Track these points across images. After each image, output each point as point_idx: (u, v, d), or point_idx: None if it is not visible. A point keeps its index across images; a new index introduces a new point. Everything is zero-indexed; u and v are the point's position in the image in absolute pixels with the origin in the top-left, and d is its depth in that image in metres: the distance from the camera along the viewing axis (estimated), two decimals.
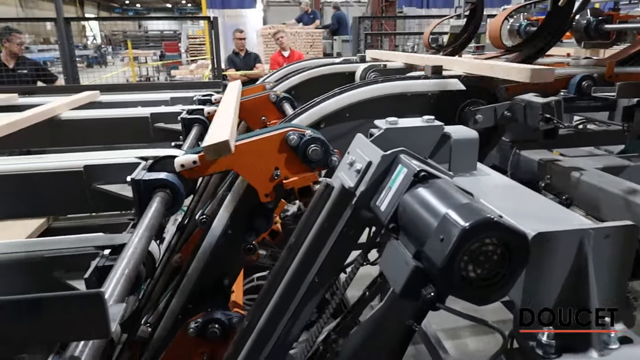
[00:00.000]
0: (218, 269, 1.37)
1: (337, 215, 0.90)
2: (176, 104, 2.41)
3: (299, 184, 1.18)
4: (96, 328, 0.51)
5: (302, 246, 0.96)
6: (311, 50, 9.18)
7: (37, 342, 0.54)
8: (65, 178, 1.18)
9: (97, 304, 0.50)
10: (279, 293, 0.99)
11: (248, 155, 1.18)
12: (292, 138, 1.16)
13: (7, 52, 4.63)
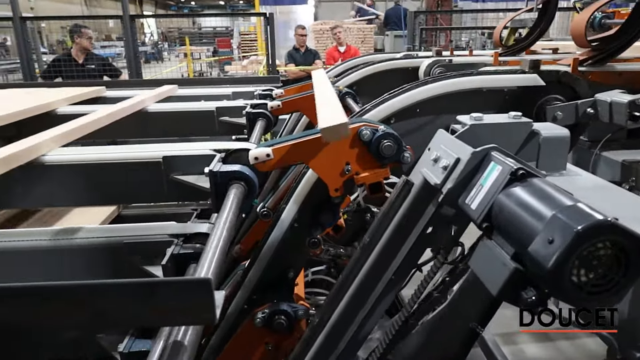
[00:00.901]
0: (284, 261, 1.38)
1: (418, 213, 0.88)
2: (237, 98, 2.46)
3: (371, 180, 1.17)
4: (203, 314, 0.52)
5: (379, 244, 0.95)
6: (362, 46, 9.13)
7: (146, 325, 0.56)
8: (145, 168, 1.23)
9: (206, 290, 0.51)
10: (353, 291, 0.98)
11: (319, 149, 1.18)
12: (365, 133, 1.14)
13: (78, 47, 4.91)
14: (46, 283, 0.52)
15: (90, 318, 0.53)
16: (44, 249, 1.26)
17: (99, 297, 0.51)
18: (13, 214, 2.00)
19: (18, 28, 4.82)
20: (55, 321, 0.53)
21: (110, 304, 0.51)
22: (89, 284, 0.51)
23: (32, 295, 0.51)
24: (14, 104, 1.84)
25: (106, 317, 0.52)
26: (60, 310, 0.52)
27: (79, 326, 0.53)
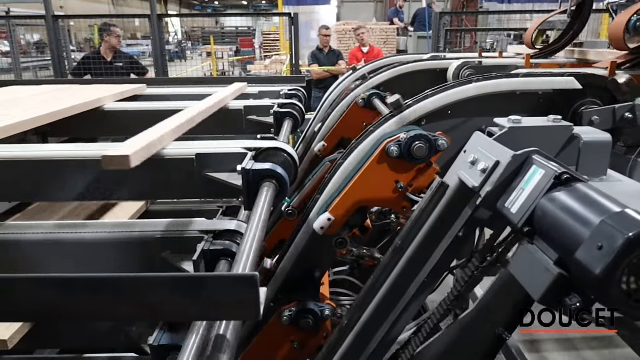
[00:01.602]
0: (310, 260, 1.39)
1: (454, 215, 0.87)
2: (264, 97, 2.48)
3: (426, 183, 1.16)
4: (248, 309, 0.53)
5: (411, 246, 0.95)
6: (384, 47, 9.08)
7: (191, 318, 0.57)
8: (179, 164, 1.26)
9: (251, 285, 0.52)
10: (384, 293, 0.98)
11: (366, 186, 1.18)
12: (392, 150, 1.14)
13: (106, 45, 5.02)
14: (96, 275, 0.54)
15: (138, 309, 0.54)
16: (81, 241, 1.29)
17: (148, 289, 0.53)
18: (44, 206, 2.06)
19: (50, 26, 4.97)
20: (103, 311, 0.54)
21: (159, 297, 0.53)
22: (139, 276, 0.53)
23: (85, 286, 0.52)
24: (62, 100, 1.90)
25: (155, 309, 0.53)
26: (110, 300, 0.53)
27: (128, 317, 0.55)
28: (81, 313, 0.53)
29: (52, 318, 0.60)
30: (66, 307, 0.53)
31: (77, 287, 0.52)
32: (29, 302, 0.53)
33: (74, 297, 0.52)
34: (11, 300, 0.52)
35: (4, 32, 12.24)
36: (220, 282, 0.52)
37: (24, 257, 1.31)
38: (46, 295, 0.52)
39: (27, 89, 2.48)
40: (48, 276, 0.51)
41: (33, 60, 9.89)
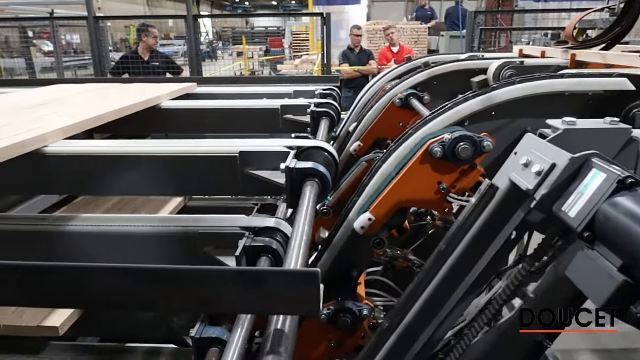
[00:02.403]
0: (349, 259, 1.40)
1: (504, 218, 0.86)
2: (298, 96, 2.50)
3: (470, 185, 1.15)
4: (308, 305, 0.54)
5: (457, 249, 0.93)
6: (415, 47, 8.99)
7: (252, 311, 0.58)
8: (223, 162, 1.28)
9: (313, 282, 0.53)
10: (428, 297, 0.97)
11: (407, 187, 1.17)
12: (436, 151, 1.13)
13: (144, 45, 5.17)
14: (162, 266, 0.56)
15: (201, 301, 0.55)
16: (126, 234, 1.33)
17: (212, 282, 0.54)
18: (89, 200, 2.14)
19: (92, 27, 5.15)
20: (166, 302, 0.56)
21: (222, 289, 0.54)
22: (204, 269, 0.54)
23: (151, 276, 0.54)
24: (120, 98, 1.97)
25: (216, 302, 0.55)
26: (173, 292, 0.55)
27: (189, 308, 0.56)
28: (145, 303, 0.56)
29: (117, 307, 0.63)
30: (131, 297, 0.56)
31: (144, 277, 0.54)
32: (96, 290, 0.55)
33: (140, 287, 0.54)
34: (81, 288, 0.54)
35: (46, 33, 12.76)
36: (283, 277, 0.53)
37: (72, 248, 1.37)
38: (114, 285, 0.54)
39: (73, 87, 2.59)
40: (119, 266, 0.53)
41: (73, 60, 10.27)
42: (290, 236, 0.86)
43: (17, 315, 1.31)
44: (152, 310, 0.78)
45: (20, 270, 0.52)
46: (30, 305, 1.10)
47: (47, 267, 0.51)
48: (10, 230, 1.36)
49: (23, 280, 0.52)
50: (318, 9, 12.73)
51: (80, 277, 0.52)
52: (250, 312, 0.60)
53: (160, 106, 2.05)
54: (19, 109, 1.80)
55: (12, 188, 1.45)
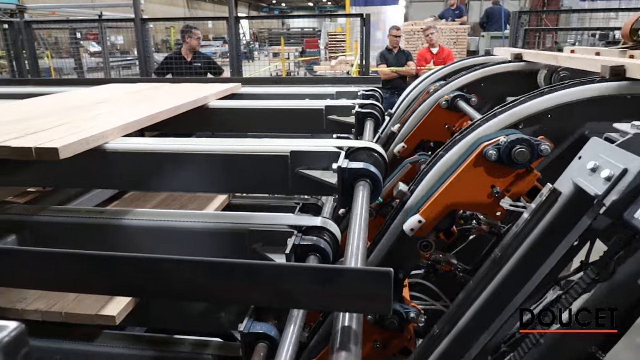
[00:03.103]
0: (396, 261, 1.39)
1: (568, 224, 0.83)
2: (341, 97, 2.51)
3: (525, 189, 1.13)
4: (379, 303, 0.55)
5: (514, 256, 0.92)
6: (454, 47, 8.82)
7: (323, 308, 0.59)
8: (274, 161, 1.30)
9: (386, 281, 0.53)
10: (482, 305, 0.96)
11: (460, 190, 1.16)
12: (491, 153, 1.11)
13: (187, 46, 5.32)
14: (235, 260, 0.57)
15: (272, 296, 0.57)
16: (177, 228, 1.38)
17: (285, 278, 0.55)
18: (138, 195, 2.22)
19: (138, 28, 5.35)
20: (240, 295, 0.58)
21: (295, 285, 0.55)
22: (278, 265, 0.56)
23: (225, 270, 0.56)
24: (170, 98, 2.05)
25: (288, 297, 0.56)
26: (246, 286, 0.57)
27: (259, 302, 0.58)
28: (220, 296, 0.58)
29: (192, 299, 0.65)
30: (206, 289, 0.58)
31: (217, 270, 0.56)
32: (175, 282, 0.58)
33: (216, 280, 0.56)
34: (162, 280, 0.57)
35: (92, 34, 13.32)
36: (356, 275, 0.54)
37: (128, 240, 1.43)
38: (192, 277, 0.57)
39: (124, 86, 2.69)
40: (196, 259, 0.55)
41: (118, 60, 10.68)
42: (348, 236, 0.87)
43: (76, 304, 1.37)
44: (226, 302, 0.80)
45: (113, 260, 0.55)
46: (112, 294, 1.15)
47: (136, 258, 0.54)
48: (71, 223, 1.43)
49: (108, 269, 0.55)
50: (355, 9, 12.69)
51: (160, 269, 0.55)
52: (322, 308, 0.61)
53: (207, 105, 2.11)
54: (77, 107, 1.89)
55: (74, 182, 1.53)
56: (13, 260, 0.78)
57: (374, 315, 1.32)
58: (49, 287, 0.90)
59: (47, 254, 0.67)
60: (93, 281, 0.72)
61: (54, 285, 0.76)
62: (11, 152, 1.20)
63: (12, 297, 1.38)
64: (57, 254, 0.64)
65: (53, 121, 1.53)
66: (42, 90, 2.83)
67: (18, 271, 0.87)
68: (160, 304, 1.49)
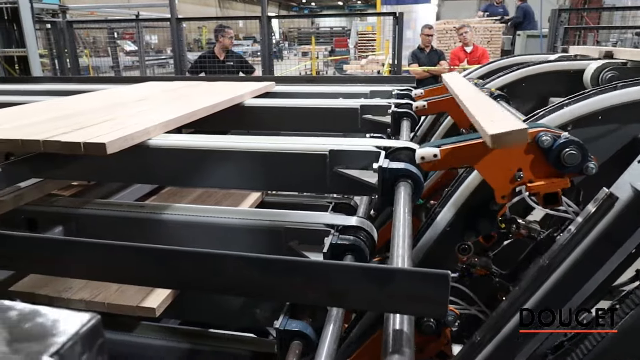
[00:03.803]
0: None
1: (627, 230, 0.80)
2: (375, 96, 2.49)
3: (547, 190, 1.10)
4: (435, 306, 0.53)
5: (564, 264, 0.88)
6: (488, 46, 8.63)
7: (375, 309, 0.59)
8: (312, 160, 1.30)
9: (443, 284, 0.52)
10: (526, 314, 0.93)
11: (490, 152, 1.14)
12: (545, 139, 1.08)
13: (220, 46, 5.40)
14: (289, 258, 0.57)
15: (324, 295, 0.57)
16: (215, 224, 1.40)
17: (338, 277, 0.55)
18: (175, 191, 2.27)
19: (174, 28, 5.47)
20: (296, 292, 0.58)
21: (347, 284, 0.55)
22: (331, 264, 0.56)
23: (283, 267, 0.56)
24: (207, 96, 2.09)
25: (340, 296, 0.56)
26: (301, 283, 0.57)
27: (311, 300, 0.58)
28: (272, 292, 0.58)
29: (244, 294, 0.66)
30: (260, 285, 0.58)
31: (275, 267, 0.56)
32: (229, 277, 0.58)
33: (271, 276, 0.56)
34: (217, 275, 0.57)
35: (128, 34, 13.72)
36: (413, 277, 0.53)
37: (168, 235, 1.46)
38: (245, 273, 0.57)
39: (162, 84, 2.76)
40: (251, 256, 0.56)
41: (153, 59, 10.95)
42: (392, 237, 0.86)
43: (119, 295, 1.41)
44: (277, 299, 0.81)
45: (173, 255, 0.56)
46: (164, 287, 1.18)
47: (192, 252, 0.54)
48: (114, 216, 1.47)
49: (163, 262, 0.56)
50: (386, 8, 12.59)
51: (214, 263, 0.56)
52: (375, 309, 0.60)
53: (243, 104, 2.14)
54: (118, 105, 1.95)
55: (117, 177, 1.57)
56: (64, 250, 0.80)
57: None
58: (97, 277, 0.92)
59: (99, 245, 0.69)
60: (151, 273, 0.74)
61: (103, 275, 0.78)
62: (61, 146, 1.24)
63: (59, 287, 1.43)
64: (108, 245, 0.66)
65: (98, 117, 1.57)
66: (83, 87, 2.93)
67: (67, 260, 0.91)
68: (197, 298, 1.52)
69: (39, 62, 4.61)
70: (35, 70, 4.46)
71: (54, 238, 1.13)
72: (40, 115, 1.64)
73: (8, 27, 4.50)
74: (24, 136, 1.29)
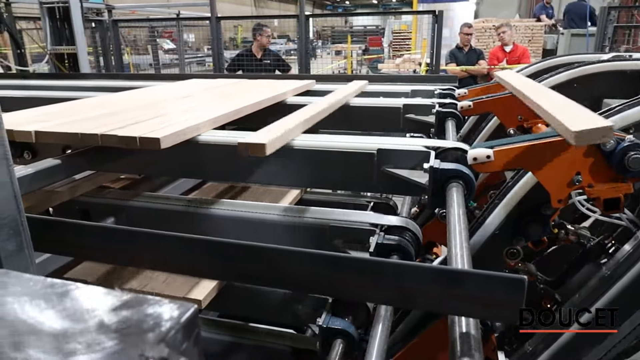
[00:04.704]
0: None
1: None
2: (416, 96, 2.45)
3: (608, 195, 1.05)
4: (506, 312, 0.52)
5: (628, 274, 0.84)
6: (529, 45, 8.37)
7: (447, 311, 0.58)
8: (360, 158, 1.30)
9: (518, 288, 0.51)
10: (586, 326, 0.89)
11: (548, 155, 1.10)
12: (609, 142, 1.03)
13: (258, 44, 5.46)
14: (357, 256, 0.57)
15: (392, 295, 0.56)
16: (263, 221, 1.41)
17: (405, 276, 0.54)
18: (215, 186, 2.31)
19: (214, 27, 5.58)
20: (359, 291, 0.58)
21: (417, 285, 0.54)
22: (401, 264, 0.55)
23: (351, 266, 0.56)
24: (250, 94, 2.12)
25: (408, 297, 0.55)
26: (369, 282, 0.57)
27: (377, 300, 0.57)
28: (342, 290, 0.58)
29: (311, 291, 0.66)
30: (327, 282, 0.58)
31: (343, 265, 0.56)
32: (293, 273, 0.58)
33: (338, 273, 0.56)
34: (281, 271, 0.58)
35: (167, 33, 14.08)
36: (486, 280, 0.52)
37: (215, 229, 1.49)
38: (312, 269, 0.57)
39: (205, 81, 2.81)
40: (319, 253, 0.56)
41: (191, 57, 11.20)
42: (448, 239, 0.84)
43: (166, 286, 1.45)
44: (344, 298, 0.82)
45: (244, 249, 0.57)
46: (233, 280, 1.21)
47: (257, 247, 0.55)
48: (163, 209, 1.51)
49: (239, 256, 0.57)
50: (423, 6, 12.41)
51: (284, 259, 0.56)
52: (443, 311, 0.60)
53: (285, 102, 2.15)
54: (166, 101, 2.00)
55: (167, 171, 1.62)
56: (129, 240, 0.83)
57: None
58: (164, 267, 0.95)
59: (167, 237, 0.71)
60: (218, 266, 0.75)
61: (169, 266, 0.80)
62: (118, 140, 1.28)
63: (109, 276, 1.48)
64: (179, 237, 0.68)
65: (149, 113, 1.62)
66: (128, 84, 3.03)
67: (134, 250, 0.94)
68: (239, 291, 1.54)
69: (87, 60, 4.80)
70: (84, 67, 4.66)
71: (120, 228, 1.14)
72: (94, 111, 1.70)
73: (59, 26, 4.71)
74: (82, 130, 1.34)
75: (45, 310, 0.36)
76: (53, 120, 1.49)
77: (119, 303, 0.37)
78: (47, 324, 0.34)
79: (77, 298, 0.37)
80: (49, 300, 0.37)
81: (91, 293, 0.39)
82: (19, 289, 0.39)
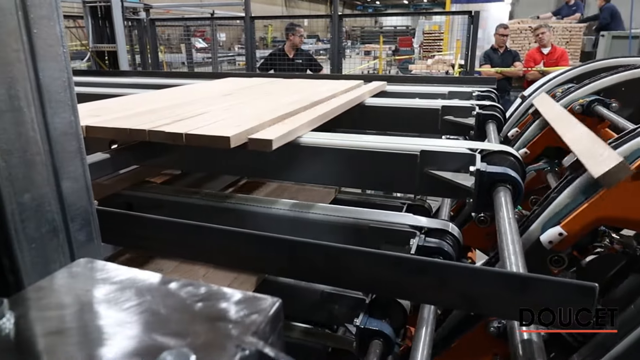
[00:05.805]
0: None
1: None
2: (453, 97, 2.42)
3: None
4: (578, 318, 0.51)
5: None
6: (567, 47, 8.11)
7: (511, 317, 0.57)
8: (403, 159, 1.29)
9: (590, 296, 0.50)
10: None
11: (612, 206, 1.06)
12: None
13: (290, 44, 5.50)
14: (422, 257, 0.57)
15: (459, 299, 0.56)
16: (303, 219, 1.42)
17: (474, 280, 0.54)
18: (252, 184, 2.34)
19: (248, 26, 5.66)
20: (422, 293, 0.57)
21: (483, 289, 0.53)
22: (465, 267, 0.55)
23: (413, 267, 0.56)
24: (290, 94, 2.12)
25: (475, 301, 0.55)
26: (432, 284, 0.56)
27: (443, 304, 0.57)
28: (406, 292, 0.58)
29: (373, 291, 0.66)
30: (392, 283, 0.58)
31: (407, 266, 0.56)
32: (359, 273, 0.59)
33: (403, 275, 0.56)
34: (347, 270, 0.58)
35: (199, 31, 14.33)
36: (550, 286, 0.51)
37: (251, 226, 1.50)
38: (379, 270, 0.58)
39: (238, 80, 2.85)
40: (385, 254, 0.56)
41: (222, 56, 11.37)
42: (500, 243, 0.83)
43: (205, 280, 1.48)
44: (408, 300, 0.82)
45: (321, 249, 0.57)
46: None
47: (319, 245, 0.56)
48: (203, 205, 1.54)
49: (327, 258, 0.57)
50: (456, 7, 12.21)
51: (347, 259, 0.56)
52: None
53: (364, 103, 2.13)
54: (207, 98, 2.04)
55: (208, 167, 1.65)
56: (197, 234, 0.85)
57: (497, 327, 1.26)
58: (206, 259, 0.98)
59: (227, 232, 0.72)
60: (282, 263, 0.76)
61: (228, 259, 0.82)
62: (165, 136, 1.32)
63: (150, 268, 1.52)
64: (237, 232, 0.69)
65: (192, 110, 1.66)
66: (165, 81, 3.11)
67: (174, 241, 0.96)
68: (277, 288, 1.56)
69: (127, 57, 4.95)
70: (123, 64, 4.81)
71: (189, 223, 1.13)
72: (138, 107, 1.75)
73: (101, 24, 4.88)
74: (131, 126, 1.38)
75: (137, 298, 0.37)
76: (102, 116, 1.55)
77: (203, 293, 0.38)
78: (141, 309, 0.35)
79: (161, 288, 0.38)
80: (141, 289, 0.38)
81: (173, 284, 0.40)
82: (105, 276, 0.40)
